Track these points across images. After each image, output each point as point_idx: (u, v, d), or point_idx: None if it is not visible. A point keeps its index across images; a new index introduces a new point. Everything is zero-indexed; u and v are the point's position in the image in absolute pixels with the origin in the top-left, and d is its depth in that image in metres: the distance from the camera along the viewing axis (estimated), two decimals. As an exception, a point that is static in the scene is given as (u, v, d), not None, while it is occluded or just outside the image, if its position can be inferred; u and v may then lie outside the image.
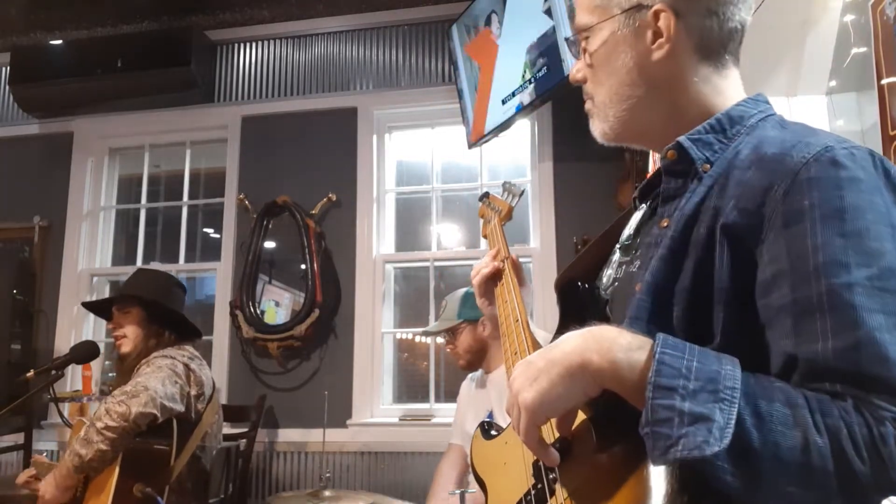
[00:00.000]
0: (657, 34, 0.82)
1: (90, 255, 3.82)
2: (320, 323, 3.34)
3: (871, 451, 0.57)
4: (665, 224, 0.80)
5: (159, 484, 2.03)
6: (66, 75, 3.61)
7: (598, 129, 0.90)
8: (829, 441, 0.57)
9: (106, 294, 3.86)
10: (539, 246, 3.29)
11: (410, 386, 3.63)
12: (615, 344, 0.66)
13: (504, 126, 3.12)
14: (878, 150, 1.48)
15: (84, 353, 2.43)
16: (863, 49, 1.72)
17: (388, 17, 3.63)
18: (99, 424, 1.98)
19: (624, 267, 0.89)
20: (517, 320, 1.04)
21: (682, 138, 0.81)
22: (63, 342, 3.60)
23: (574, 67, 0.92)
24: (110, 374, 3.72)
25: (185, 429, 2.17)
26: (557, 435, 0.78)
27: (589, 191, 3.20)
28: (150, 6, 3.54)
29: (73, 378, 3.60)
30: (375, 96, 3.60)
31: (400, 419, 3.29)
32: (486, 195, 1.45)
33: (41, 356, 3.60)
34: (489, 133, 3.18)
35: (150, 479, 1.98)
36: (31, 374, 2.30)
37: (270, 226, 3.53)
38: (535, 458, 0.81)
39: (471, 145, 3.33)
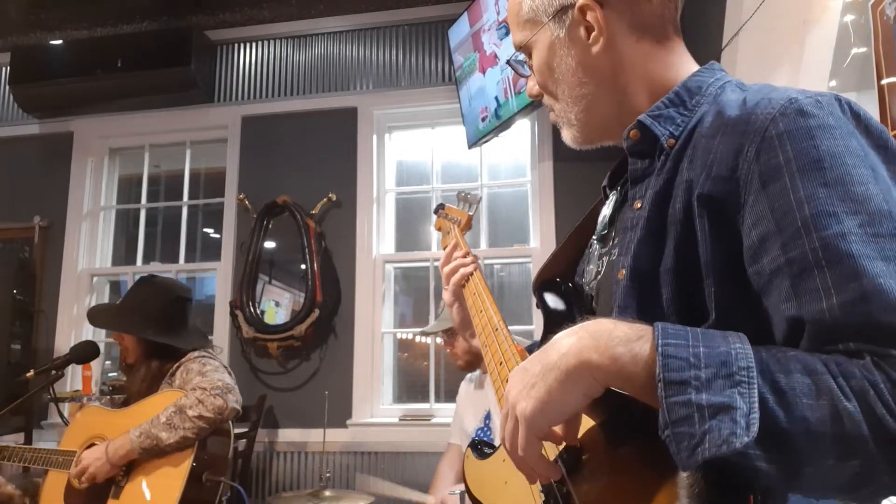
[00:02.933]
0: (589, 29, 0.82)
1: (90, 255, 3.82)
2: (320, 323, 3.34)
3: None
4: (638, 206, 0.78)
5: (221, 471, 2.07)
6: (66, 75, 3.61)
7: (568, 135, 0.90)
8: (859, 404, 0.54)
9: (106, 295, 3.87)
10: (539, 246, 3.29)
11: (410, 386, 3.63)
12: (612, 337, 0.61)
13: (504, 126, 3.12)
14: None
15: (84, 353, 2.43)
16: (863, 49, 1.72)
17: (388, 17, 3.63)
18: (191, 412, 2.00)
19: (605, 258, 0.86)
20: (496, 329, 0.98)
21: (642, 116, 0.80)
22: (63, 342, 3.61)
23: (528, 85, 0.92)
24: (110, 374, 3.73)
25: (238, 436, 2.21)
26: (562, 446, 0.72)
27: (589, 191, 3.18)
28: (150, 6, 3.54)
29: (73, 378, 3.61)
30: (375, 96, 3.60)
31: (400, 419, 3.29)
32: (442, 206, 1.40)
33: (41, 356, 3.60)
34: (489, 133, 3.18)
35: (212, 468, 2.03)
36: (31, 374, 2.30)
37: (270, 226, 3.53)
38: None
39: (471, 145, 3.33)
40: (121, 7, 3.53)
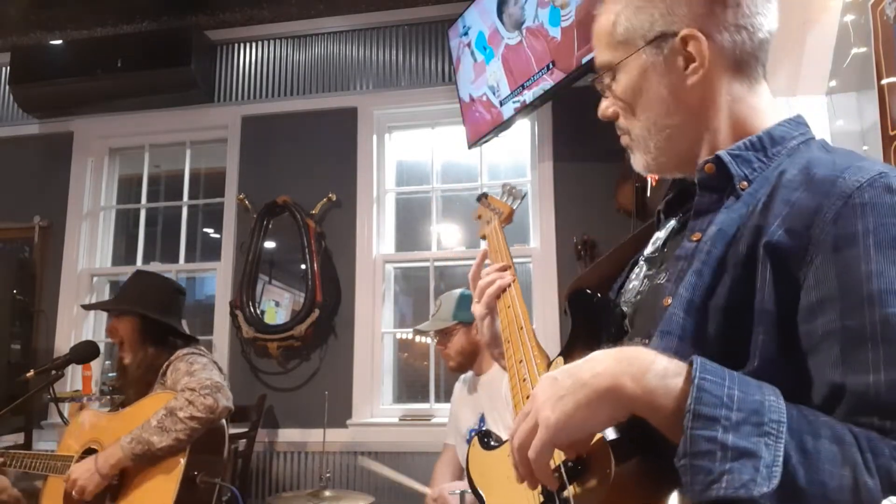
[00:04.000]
0: (689, 59, 0.80)
1: (90, 255, 3.82)
2: (320, 323, 3.34)
3: None
4: (696, 238, 0.77)
5: (217, 472, 2.06)
6: (66, 75, 3.61)
7: (641, 161, 0.88)
8: (881, 482, 0.54)
9: (106, 294, 3.86)
10: (539, 246, 3.29)
11: (410, 386, 3.63)
12: (651, 370, 0.62)
13: (504, 126, 3.12)
14: (879, 150, 1.48)
15: (84, 353, 2.43)
16: (863, 49, 1.72)
17: (388, 17, 3.63)
18: (182, 414, 1.98)
19: (649, 280, 0.86)
20: (521, 328, 0.99)
21: (721, 153, 0.79)
22: (63, 342, 3.61)
23: (602, 105, 0.90)
24: (110, 374, 3.72)
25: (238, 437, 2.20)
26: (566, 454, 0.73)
27: (589, 191, 3.20)
28: (150, 6, 3.54)
29: (73, 378, 3.61)
30: (375, 96, 3.60)
31: (400, 419, 3.29)
32: (485, 195, 1.39)
33: (41, 356, 3.60)
34: (489, 133, 3.18)
35: (207, 469, 2.01)
36: (31, 374, 2.30)
37: (270, 226, 3.53)
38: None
39: (471, 145, 3.33)
40: (121, 7, 3.53)
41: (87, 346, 2.44)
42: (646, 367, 0.62)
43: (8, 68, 3.76)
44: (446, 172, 3.68)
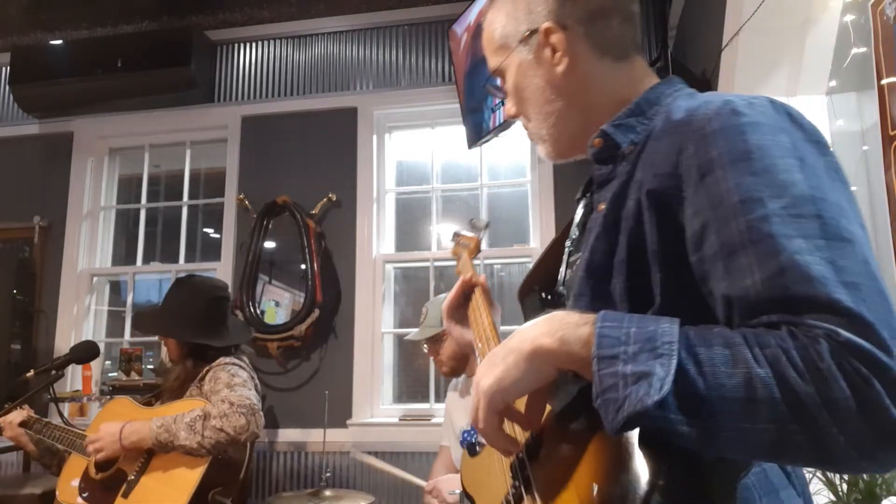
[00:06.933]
0: (554, 50, 0.88)
1: (90, 255, 3.82)
2: (320, 323, 3.34)
3: (811, 369, 0.57)
4: (601, 208, 0.83)
5: (229, 493, 2.05)
6: (66, 75, 3.61)
7: (543, 151, 0.96)
8: (771, 370, 0.58)
9: (106, 294, 3.88)
10: (539, 246, 3.29)
11: (410, 386, 3.63)
12: (564, 324, 0.69)
13: (504, 126, 3.12)
14: (878, 150, 1.48)
15: (84, 353, 2.43)
16: (863, 49, 1.72)
17: (388, 17, 3.63)
18: (215, 422, 1.99)
19: (576, 261, 0.91)
20: (488, 339, 1.06)
21: (605, 125, 0.86)
22: (63, 342, 3.61)
23: (506, 106, 0.98)
24: (110, 374, 3.73)
25: (251, 442, 2.20)
26: (528, 433, 0.80)
27: (589, 191, 3.20)
28: (150, 6, 3.54)
29: (73, 378, 3.61)
30: (375, 96, 3.60)
31: (400, 419, 3.30)
32: (457, 234, 1.49)
33: (41, 356, 3.60)
34: (489, 133, 3.18)
35: (222, 486, 2.02)
36: (31, 374, 2.31)
37: (270, 226, 3.53)
38: (509, 458, 0.82)
39: (471, 145, 3.33)
40: (121, 7, 3.53)
41: (87, 346, 2.45)
42: (559, 323, 0.69)
43: (8, 68, 3.76)
44: (446, 172, 3.68)
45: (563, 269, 0.96)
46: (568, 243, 0.97)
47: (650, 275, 0.74)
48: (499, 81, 0.98)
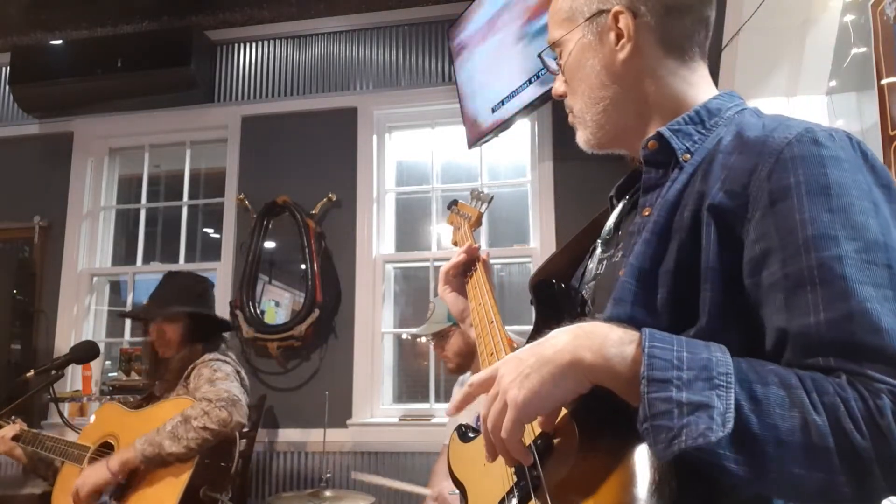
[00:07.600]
0: (619, 35, 0.85)
1: (90, 255, 3.82)
2: (320, 323, 3.34)
3: (869, 424, 0.56)
4: (647, 212, 0.81)
5: (219, 489, 2.05)
6: (66, 75, 3.61)
7: (582, 137, 0.93)
8: (828, 419, 0.57)
9: (106, 294, 3.87)
10: (539, 246, 3.29)
11: (410, 386, 3.63)
12: (607, 340, 0.66)
13: (504, 126, 3.12)
14: (878, 150, 1.48)
15: (84, 353, 2.43)
16: (863, 49, 1.72)
17: (388, 17, 3.63)
18: (196, 423, 1.99)
19: (605, 260, 0.89)
20: (491, 322, 1.03)
21: (662, 129, 0.83)
22: (63, 342, 3.60)
23: (555, 84, 0.95)
24: (110, 374, 3.73)
25: (240, 437, 2.20)
26: (538, 432, 0.77)
27: (589, 191, 3.19)
28: (150, 6, 3.54)
29: (73, 378, 3.61)
30: (375, 96, 3.60)
31: (400, 419, 3.29)
32: (455, 203, 1.45)
33: (41, 356, 3.60)
34: (489, 133, 3.18)
35: (212, 483, 2.01)
36: (31, 374, 2.30)
37: (270, 226, 3.53)
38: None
39: (471, 145, 3.33)
40: (121, 7, 3.53)
41: (87, 346, 2.44)
42: (603, 338, 0.66)
43: (8, 68, 3.76)
44: (446, 172, 3.68)
45: (590, 265, 0.93)
46: (599, 241, 0.94)
47: (698, 291, 0.71)
48: (555, 55, 0.94)
